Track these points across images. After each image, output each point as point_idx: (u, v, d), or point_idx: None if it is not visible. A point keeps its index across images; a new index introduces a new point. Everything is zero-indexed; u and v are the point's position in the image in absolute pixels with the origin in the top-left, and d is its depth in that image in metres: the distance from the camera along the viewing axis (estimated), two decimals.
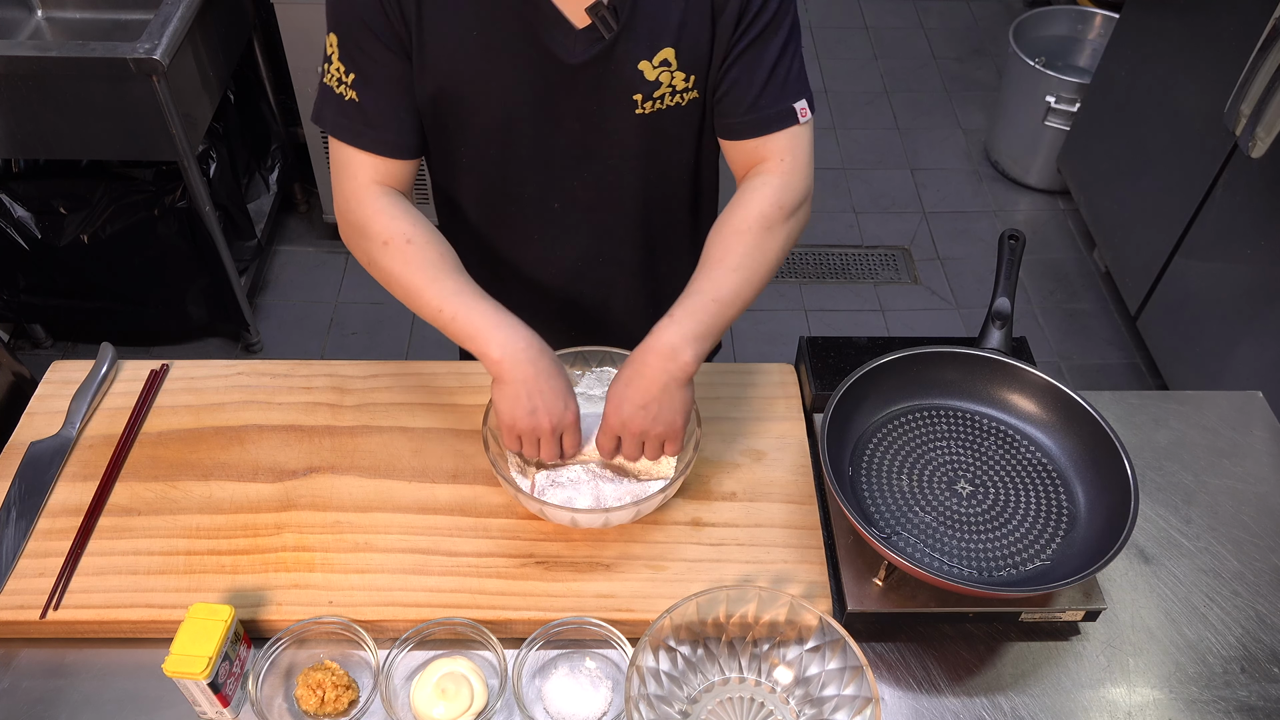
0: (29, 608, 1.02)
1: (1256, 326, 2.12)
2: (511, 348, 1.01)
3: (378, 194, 1.08)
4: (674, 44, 1.03)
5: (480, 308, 1.04)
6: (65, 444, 1.17)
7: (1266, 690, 1.01)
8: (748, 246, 1.06)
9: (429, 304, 1.05)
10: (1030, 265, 2.87)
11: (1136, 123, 2.56)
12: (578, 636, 1.02)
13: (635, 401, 1.01)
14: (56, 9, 2.40)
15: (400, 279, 1.06)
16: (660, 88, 1.06)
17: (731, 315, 1.05)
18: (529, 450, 1.04)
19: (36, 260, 2.28)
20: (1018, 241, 1.17)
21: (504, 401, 1.02)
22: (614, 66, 1.04)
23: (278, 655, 1.00)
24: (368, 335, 2.64)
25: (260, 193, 2.76)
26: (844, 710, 0.93)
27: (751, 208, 1.07)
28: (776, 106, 1.07)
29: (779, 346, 2.64)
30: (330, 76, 1.06)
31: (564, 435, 1.04)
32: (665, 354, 1.01)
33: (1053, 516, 1.05)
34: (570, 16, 1.01)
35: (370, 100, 1.05)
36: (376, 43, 1.02)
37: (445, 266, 1.06)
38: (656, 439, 1.03)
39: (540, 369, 1.02)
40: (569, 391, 1.04)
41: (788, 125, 1.08)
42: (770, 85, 1.06)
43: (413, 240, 1.06)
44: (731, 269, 1.05)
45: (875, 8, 3.89)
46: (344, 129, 1.07)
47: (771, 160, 1.09)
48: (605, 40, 1.01)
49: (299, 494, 1.13)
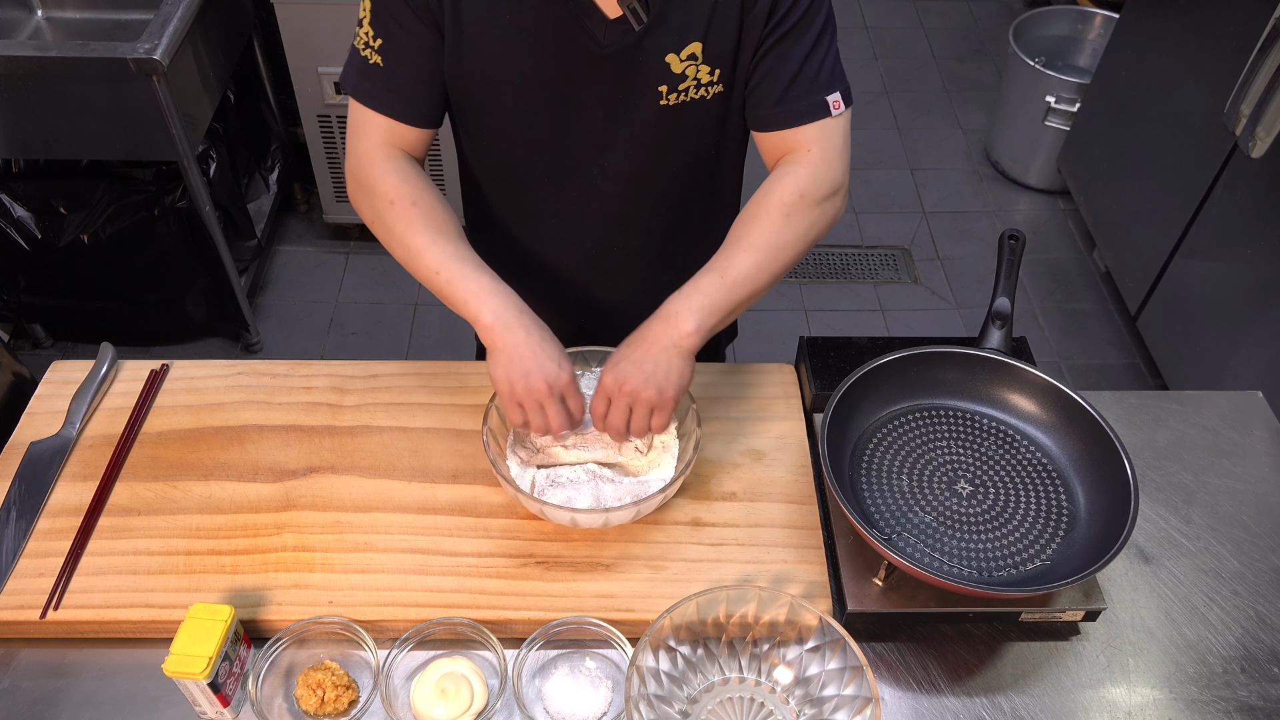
0: (29, 608, 1.02)
1: (1256, 326, 2.12)
2: (504, 314, 1.02)
3: (388, 155, 1.09)
4: (702, 38, 1.04)
5: (476, 275, 1.05)
6: (65, 444, 1.17)
7: (1266, 690, 1.01)
8: (766, 230, 1.06)
9: (427, 265, 1.05)
10: (1030, 265, 2.87)
11: (1136, 123, 2.56)
12: (578, 636, 1.02)
13: (631, 358, 1.02)
14: (56, 9, 2.40)
15: (401, 238, 1.07)
16: (686, 80, 1.07)
17: (743, 295, 1.05)
18: (535, 422, 1.03)
19: (36, 260, 2.28)
20: (1018, 241, 1.17)
21: (498, 368, 1.02)
22: (641, 58, 1.04)
23: (278, 655, 1.00)
24: (368, 335, 2.64)
25: (260, 193, 2.76)
26: (844, 710, 0.93)
27: (774, 194, 1.07)
28: (807, 99, 1.07)
29: (779, 346, 2.64)
30: (359, 39, 1.07)
31: (566, 398, 1.03)
32: (667, 319, 1.03)
33: (1053, 516, 1.05)
34: (603, 6, 1.02)
35: (394, 66, 1.06)
36: (408, 12, 1.03)
37: (447, 231, 1.07)
38: (646, 404, 1.02)
39: (532, 334, 1.02)
40: (562, 355, 1.04)
41: (819, 118, 1.08)
42: (800, 79, 1.06)
43: (418, 203, 1.07)
44: (746, 249, 1.05)
45: (875, 8, 3.89)
46: (363, 91, 1.08)
47: (799, 151, 1.10)
48: (635, 31, 1.02)
49: (299, 494, 1.13)
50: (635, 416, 1.03)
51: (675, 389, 1.03)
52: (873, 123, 3.38)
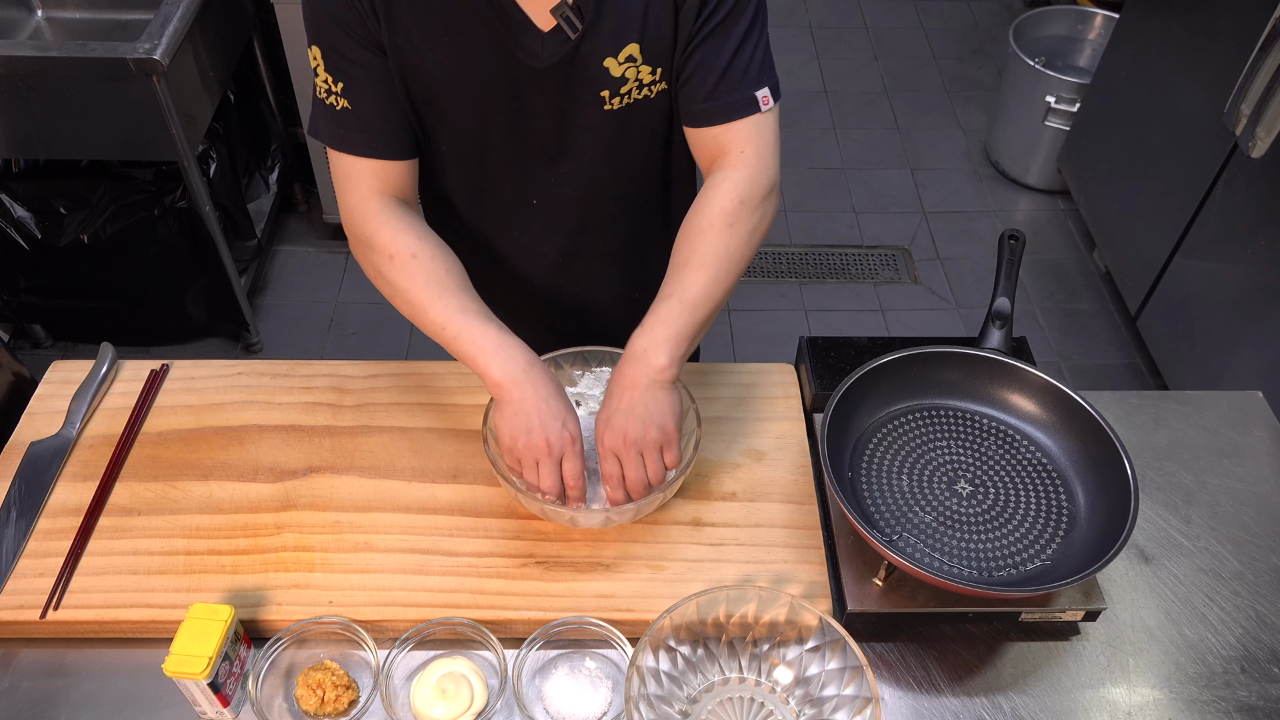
0: (29, 608, 1.02)
1: (1256, 326, 2.12)
2: (511, 368, 1.02)
3: (382, 205, 1.09)
4: (638, 39, 1.03)
5: (482, 328, 1.04)
6: (65, 444, 1.17)
7: (1266, 690, 1.01)
8: (712, 245, 1.05)
9: (433, 321, 1.05)
10: (1030, 265, 2.87)
11: (1136, 123, 2.56)
12: (578, 636, 1.02)
13: (621, 409, 1.01)
14: (56, 9, 2.40)
15: (405, 294, 1.07)
16: (627, 83, 1.07)
17: (704, 314, 1.05)
18: (529, 479, 1.03)
19: (36, 260, 2.28)
20: (1018, 241, 1.17)
21: (503, 422, 1.03)
22: (580, 65, 1.04)
23: (278, 655, 1.00)
24: (368, 335, 2.64)
25: (260, 193, 2.76)
26: (844, 710, 0.93)
27: (714, 205, 1.06)
28: (736, 94, 1.06)
29: (779, 346, 2.64)
30: (319, 89, 1.07)
31: (564, 460, 1.02)
32: (640, 360, 1.02)
33: (1053, 516, 1.05)
34: (536, 20, 1.02)
35: (361, 105, 1.05)
36: (356, 46, 1.03)
37: (450, 283, 1.07)
38: (654, 445, 1.02)
39: (539, 390, 1.02)
40: (569, 413, 1.03)
41: (749, 113, 1.07)
42: (730, 73, 1.05)
43: (418, 255, 1.06)
44: (697, 268, 1.05)
45: (875, 8, 3.89)
46: (340, 139, 1.08)
47: (732, 153, 1.08)
48: (571, 41, 1.02)
49: (299, 494, 1.13)
50: (648, 461, 1.02)
51: (674, 421, 1.03)
52: (873, 123, 3.38)
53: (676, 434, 1.04)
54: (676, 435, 1.04)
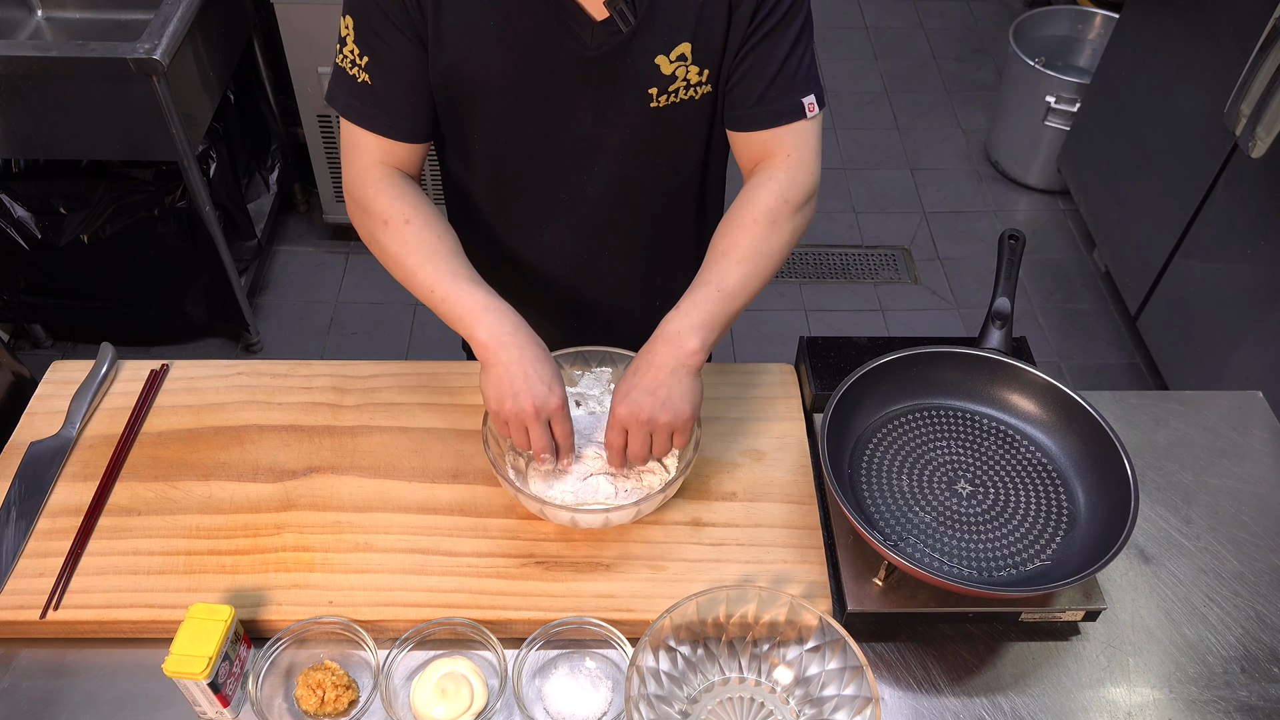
0: (29, 608, 1.02)
1: (1256, 326, 2.12)
2: (498, 330, 1.01)
3: (382, 174, 1.09)
4: (691, 38, 1.03)
5: (471, 291, 1.04)
6: (65, 444, 1.17)
7: (1266, 690, 1.01)
8: (754, 239, 1.06)
9: (422, 284, 1.05)
10: (1030, 265, 2.87)
11: (1136, 123, 2.56)
12: (578, 636, 1.02)
13: (643, 386, 1.01)
14: (56, 9, 2.40)
15: (397, 258, 1.07)
16: (675, 82, 1.06)
17: (737, 307, 1.05)
18: (519, 442, 1.03)
19: (36, 260, 2.28)
20: (1018, 241, 1.17)
21: (489, 385, 1.02)
22: (630, 60, 1.04)
23: (278, 655, 1.00)
24: (368, 335, 2.64)
25: (260, 193, 2.76)
26: (844, 710, 0.93)
27: (758, 202, 1.07)
28: (785, 100, 1.07)
29: (779, 346, 2.64)
30: (344, 58, 1.07)
31: (553, 423, 1.02)
32: (672, 340, 1.01)
33: (1053, 516, 1.05)
34: (589, 9, 1.01)
35: (383, 84, 1.06)
36: (392, 28, 1.03)
37: (441, 249, 1.07)
38: (665, 429, 1.01)
39: (525, 353, 1.01)
40: (555, 377, 1.03)
41: (795, 119, 1.08)
42: (780, 79, 1.06)
43: (411, 221, 1.07)
44: (737, 260, 1.05)
45: (875, 8, 3.89)
46: (356, 111, 1.08)
47: (778, 155, 1.09)
48: (623, 34, 1.01)
49: (299, 494, 1.13)
50: (656, 441, 1.02)
51: (692, 408, 1.03)
52: (873, 123, 3.38)
53: (691, 421, 1.03)
54: (690, 423, 1.03)
